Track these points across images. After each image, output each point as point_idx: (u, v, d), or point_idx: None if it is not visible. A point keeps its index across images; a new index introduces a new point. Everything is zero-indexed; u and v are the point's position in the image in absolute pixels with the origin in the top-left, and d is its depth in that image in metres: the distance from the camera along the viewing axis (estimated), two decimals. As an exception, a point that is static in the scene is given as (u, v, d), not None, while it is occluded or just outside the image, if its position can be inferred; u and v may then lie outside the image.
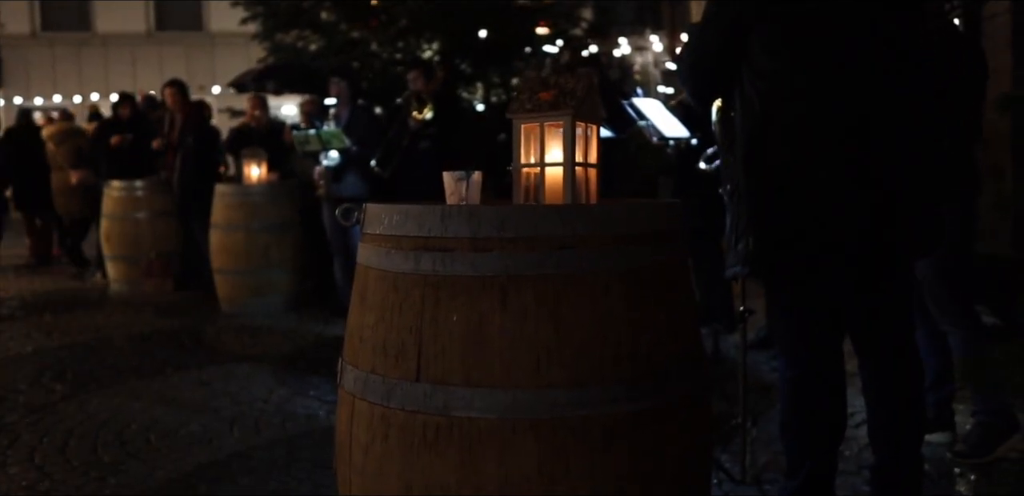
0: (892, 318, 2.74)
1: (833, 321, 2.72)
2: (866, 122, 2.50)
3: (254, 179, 7.36)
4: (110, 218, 8.46)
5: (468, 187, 2.14)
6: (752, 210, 2.61)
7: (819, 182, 2.50)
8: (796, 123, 2.53)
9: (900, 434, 2.72)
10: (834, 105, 2.51)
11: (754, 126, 2.59)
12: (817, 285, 2.64)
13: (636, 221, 1.79)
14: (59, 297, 8.29)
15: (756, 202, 2.60)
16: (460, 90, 9.46)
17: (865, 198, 2.50)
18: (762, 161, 2.58)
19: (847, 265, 2.59)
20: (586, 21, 10.98)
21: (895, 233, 2.55)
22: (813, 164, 2.51)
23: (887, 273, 2.68)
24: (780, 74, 2.55)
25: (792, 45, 2.53)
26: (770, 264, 2.62)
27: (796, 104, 2.53)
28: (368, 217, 1.90)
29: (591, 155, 2.14)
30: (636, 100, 5.14)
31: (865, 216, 2.50)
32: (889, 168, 2.51)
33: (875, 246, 2.56)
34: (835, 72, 2.51)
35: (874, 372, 2.77)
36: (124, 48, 21.19)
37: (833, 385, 2.73)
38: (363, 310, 1.87)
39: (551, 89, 2.14)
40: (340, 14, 9.64)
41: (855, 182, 2.49)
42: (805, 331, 2.71)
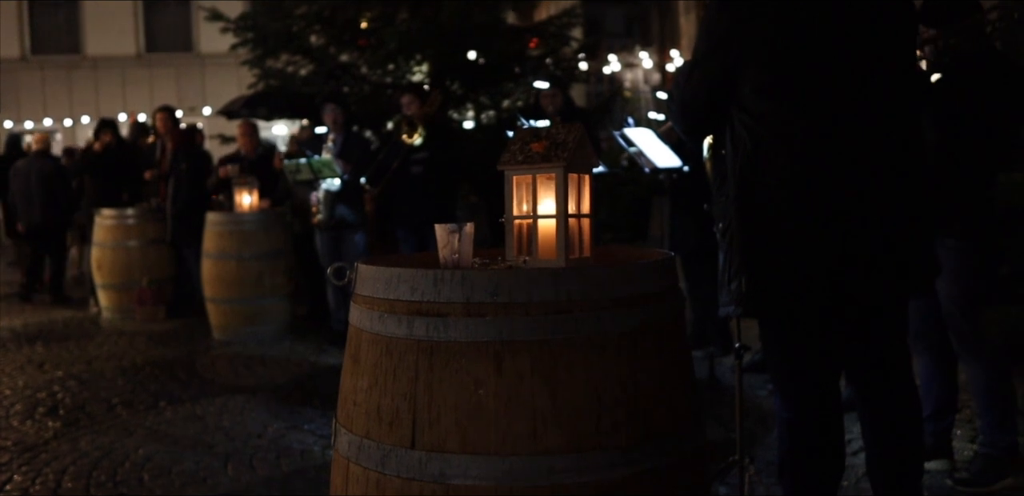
0: (887, 354, 2.73)
1: (828, 361, 2.70)
2: (857, 162, 2.49)
3: (246, 207, 7.33)
4: (101, 246, 8.44)
5: (460, 239, 2.12)
6: (744, 250, 2.60)
7: (811, 223, 2.49)
8: (787, 163, 2.51)
9: (899, 467, 2.70)
10: (825, 146, 2.50)
11: (745, 166, 2.58)
12: (811, 326, 2.63)
13: (630, 282, 1.77)
14: (51, 327, 8.24)
15: (748, 242, 2.59)
16: (451, 111, 9.47)
17: (857, 238, 2.48)
18: (753, 201, 2.56)
19: (841, 306, 2.57)
20: (576, 40, 10.99)
21: (888, 272, 2.54)
22: (804, 204, 2.50)
23: (881, 311, 2.67)
24: (771, 115, 2.53)
25: (783, 86, 2.52)
26: (763, 305, 2.61)
27: (787, 145, 2.52)
28: (360, 278, 1.88)
29: (584, 206, 2.13)
30: (627, 130, 5.14)
31: (857, 256, 2.49)
32: (881, 208, 2.50)
33: (868, 286, 2.54)
34: (826, 113, 2.50)
35: (871, 406, 2.75)
36: (114, 70, 21.16)
37: (830, 425, 2.71)
38: (356, 373, 1.85)
39: (542, 140, 2.13)
40: (329, 38, 9.66)
41: (847, 222, 2.48)
42: (801, 372, 2.70)
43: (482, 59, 9.43)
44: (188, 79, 21.25)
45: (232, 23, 9.63)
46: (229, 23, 9.62)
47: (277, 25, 9.37)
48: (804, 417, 2.70)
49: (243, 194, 7.36)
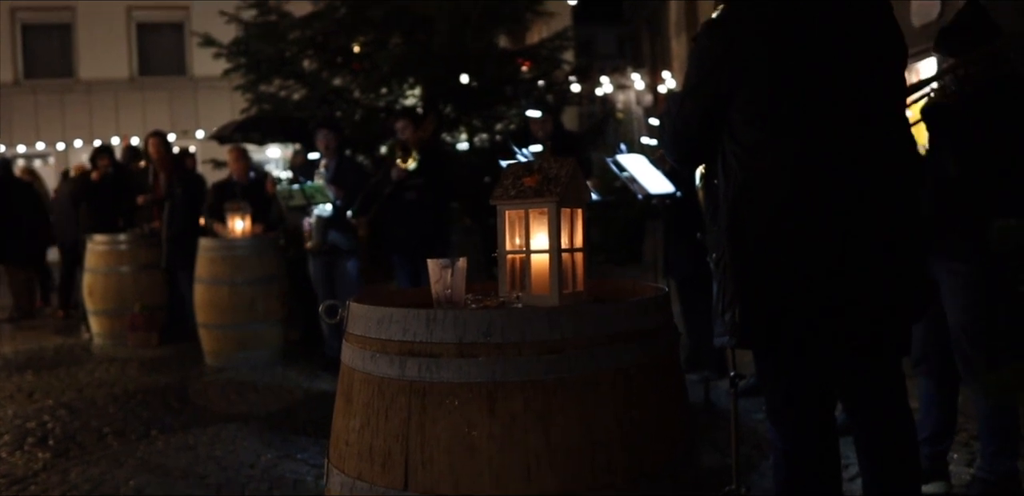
0: (882, 381, 2.72)
1: (824, 391, 2.69)
2: (849, 193, 2.49)
3: (238, 233, 7.31)
4: (93, 272, 8.40)
5: (453, 274, 2.11)
6: (738, 281, 2.59)
7: (804, 253, 2.48)
8: (779, 194, 2.51)
9: (895, 493, 2.68)
10: (816, 177, 2.49)
11: (737, 196, 2.57)
12: (806, 357, 2.61)
13: (624, 320, 1.76)
14: (42, 353, 8.18)
15: (742, 273, 2.58)
16: (443, 134, 9.48)
17: (851, 269, 2.48)
18: (746, 231, 2.56)
19: (835, 336, 2.56)
20: (568, 63, 11.04)
21: (882, 302, 2.53)
22: (797, 235, 2.49)
23: (876, 340, 2.66)
24: (761, 145, 2.53)
25: (773, 116, 2.52)
26: (758, 336, 2.59)
27: (778, 175, 2.51)
28: (352, 317, 1.86)
29: (577, 239, 2.12)
30: (620, 156, 5.14)
31: (852, 287, 2.48)
32: (874, 238, 2.50)
33: (863, 317, 2.53)
34: (817, 144, 2.49)
35: (867, 432, 2.74)
36: (107, 94, 21.18)
37: (827, 455, 2.69)
38: (348, 412, 1.83)
39: (535, 174, 2.12)
40: (322, 62, 9.69)
41: (840, 253, 2.47)
42: (796, 403, 2.68)
43: (475, 82, 9.46)
44: (181, 102, 21.27)
45: (225, 48, 9.65)
46: (222, 48, 9.64)
47: (270, 50, 9.40)
48: (800, 448, 2.68)
49: (235, 220, 7.34)
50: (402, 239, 6.60)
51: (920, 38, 6.78)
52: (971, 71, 3.44)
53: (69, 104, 21.16)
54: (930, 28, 7.04)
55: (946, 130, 3.49)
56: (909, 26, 6.99)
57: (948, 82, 3.52)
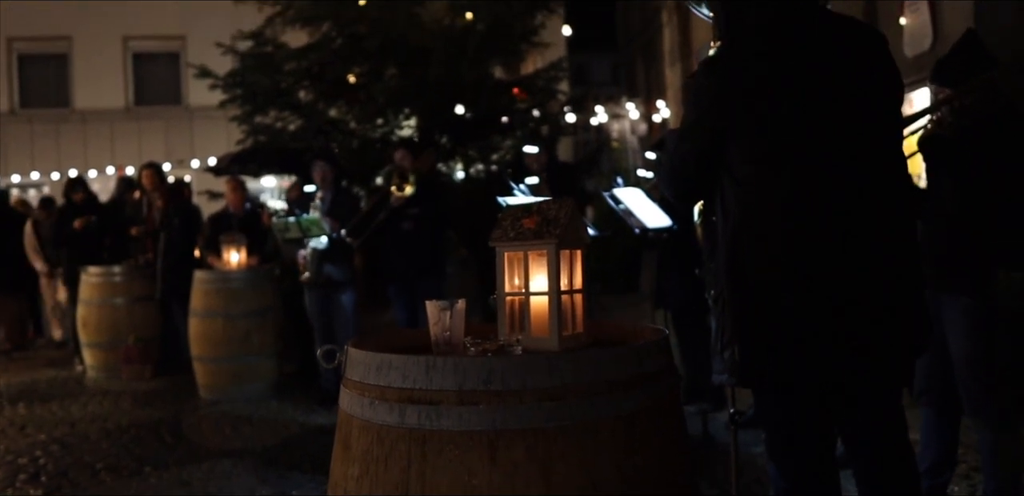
0: (883, 416, 2.70)
1: (825, 429, 2.67)
2: (848, 231, 2.48)
3: (233, 265, 7.29)
4: (87, 304, 8.35)
5: (452, 316, 2.10)
6: (737, 319, 2.57)
7: (803, 291, 2.47)
8: (778, 231, 2.50)
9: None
10: (815, 214, 2.49)
11: (736, 234, 2.57)
12: (806, 395, 2.59)
13: (625, 365, 1.74)
14: (34, 387, 8.12)
15: (741, 311, 2.57)
16: (439, 165, 9.50)
17: (851, 306, 2.47)
18: (745, 269, 2.55)
19: (837, 375, 2.54)
20: (563, 93, 11.10)
21: (883, 339, 2.52)
22: (796, 273, 2.48)
23: (878, 376, 2.64)
24: (760, 183, 2.53)
25: (771, 154, 2.52)
26: (758, 375, 2.58)
27: (777, 212, 2.50)
28: (350, 362, 1.85)
29: (576, 281, 2.11)
30: (617, 190, 5.15)
31: (852, 324, 2.47)
32: (873, 275, 2.49)
33: (865, 353, 2.52)
34: (815, 181, 2.49)
35: (866, 467, 2.71)
36: (103, 124, 21.22)
37: (828, 493, 2.66)
38: (346, 460, 1.81)
39: (534, 215, 2.12)
40: (318, 94, 9.72)
41: (840, 290, 2.46)
42: (797, 442, 2.66)
43: (470, 113, 9.49)
44: (177, 132, 21.31)
45: (221, 80, 9.68)
46: (218, 80, 9.67)
47: (266, 81, 9.43)
48: (802, 486, 2.66)
49: (231, 251, 7.32)
50: (399, 270, 6.58)
51: (913, 69, 6.82)
52: (967, 102, 3.45)
53: (64, 134, 21.19)
54: (923, 59, 7.08)
55: (943, 162, 3.50)
56: (902, 57, 7.03)
57: (944, 113, 3.53)
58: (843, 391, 2.63)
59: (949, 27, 6.78)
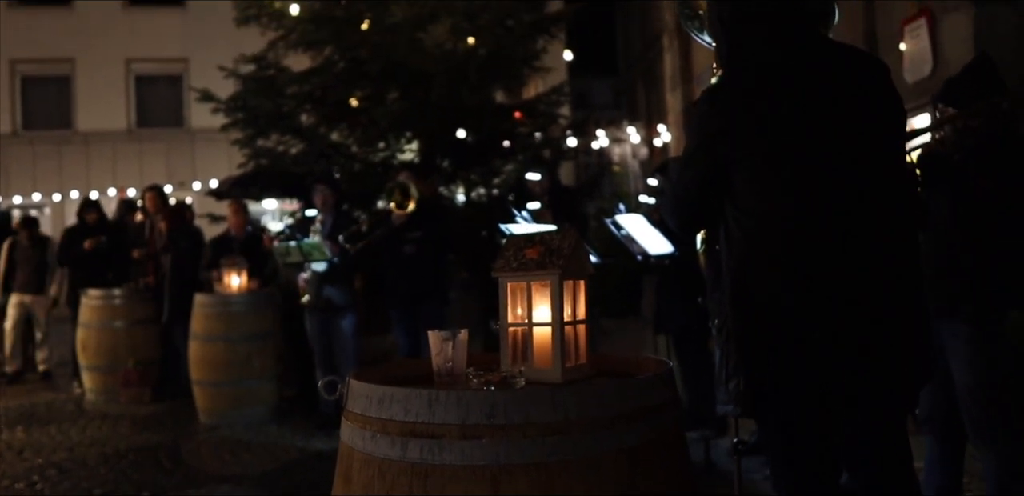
0: (888, 445, 2.68)
1: (829, 458, 2.64)
2: (854, 259, 2.47)
3: (234, 288, 7.27)
4: (87, 327, 8.34)
5: (455, 347, 2.09)
6: (742, 349, 2.56)
7: (809, 322, 2.45)
8: (784, 262, 2.49)
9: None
10: (821, 243, 2.48)
11: (740, 264, 2.56)
12: (812, 426, 2.57)
13: (629, 398, 1.73)
14: (32, 410, 8.08)
15: (746, 342, 2.55)
16: (441, 188, 9.50)
17: (857, 336, 2.45)
18: (750, 300, 2.54)
19: (842, 405, 2.53)
20: (564, 117, 11.13)
21: (889, 369, 2.50)
22: (802, 304, 2.46)
23: (883, 406, 2.62)
24: (764, 211, 2.52)
25: (775, 182, 2.51)
26: (763, 405, 2.56)
27: (781, 242, 2.50)
28: (352, 394, 1.83)
29: (579, 311, 2.10)
30: (619, 217, 5.14)
31: (858, 355, 2.45)
32: (879, 305, 2.47)
33: (870, 384, 2.50)
34: (820, 209, 2.48)
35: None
36: (105, 145, 21.29)
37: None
38: (348, 494, 1.79)
39: (536, 245, 2.11)
40: (320, 117, 9.74)
41: (846, 321, 2.45)
42: (801, 470, 2.64)
43: (471, 137, 9.51)
44: (178, 154, 21.38)
45: (223, 103, 9.71)
46: (220, 104, 9.69)
47: (268, 105, 9.45)
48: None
49: (232, 275, 7.31)
50: (400, 294, 6.56)
51: (913, 94, 6.84)
52: (972, 124, 3.45)
53: (66, 155, 21.26)
54: (923, 84, 7.10)
55: (943, 180, 3.49)
56: (902, 82, 7.05)
57: (948, 132, 3.53)
58: (848, 421, 2.61)
59: (949, 53, 6.81)
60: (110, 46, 21.42)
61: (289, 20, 9.56)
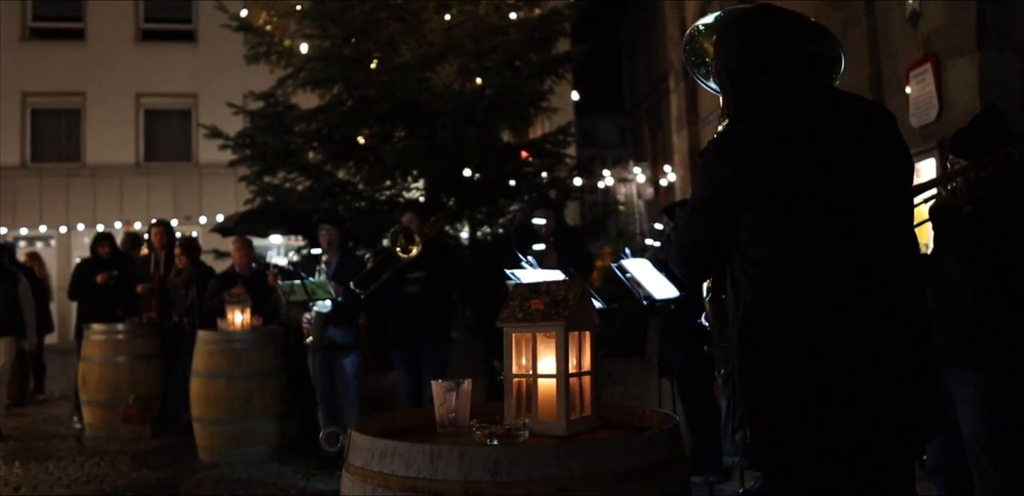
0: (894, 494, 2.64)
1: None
2: (862, 310, 2.45)
3: (237, 325, 7.25)
4: (88, 361, 8.32)
5: (458, 397, 2.07)
6: (749, 401, 2.53)
7: (817, 374, 2.43)
8: (791, 313, 2.47)
9: None
10: (828, 294, 2.46)
11: (747, 314, 2.54)
12: (819, 479, 2.54)
13: (633, 455, 1.71)
14: (31, 444, 8.03)
15: (752, 393, 2.53)
16: (446, 227, 9.52)
17: (865, 389, 2.43)
18: (756, 351, 2.51)
19: (849, 460, 2.50)
20: (570, 157, 11.17)
21: (898, 424, 2.48)
22: (809, 355, 2.45)
23: (891, 461, 2.59)
24: (771, 261, 2.51)
25: (783, 233, 2.50)
26: (769, 458, 2.53)
27: (789, 293, 2.48)
28: (353, 447, 1.82)
29: (584, 363, 2.09)
30: (624, 261, 5.14)
31: (867, 407, 2.43)
32: (888, 356, 2.45)
33: (879, 437, 2.47)
34: (828, 260, 2.47)
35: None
36: (112, 178, 21.38)
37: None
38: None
39: (542, 296, 2.10)
40: (327, 155, 9.79)
41: (854, 373, 2.43)
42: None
43: (478, 176, 9.55)
44: (185, 188, 21.46)
45: (231, 140, 9.77)
46: (228, 140, 9.75)
47: (276, 142, 9.50)
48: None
49: (235, 312, 7.29)
50: (402, 336, 6.53)
51: (919, 139, 6.86)
52: (983, 175, 3.45)
53: (74, 188, 21.35)
54: (928, 129, 7.12)
55: (954, 232, 3.48)
56: (908, 127, 7.07)
57: (959, 184, 3.52)
58: (857, 473, 2.58)
59: (955, 98, 6.83)
60: (121, 80, 21.60)
61: (298, 58, 9.66)
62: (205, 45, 21.51)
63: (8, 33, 21.44)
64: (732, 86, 2.71)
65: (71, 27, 22.23)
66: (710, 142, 2.69)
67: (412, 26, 9.46)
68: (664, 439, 1.80)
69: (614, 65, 35.18)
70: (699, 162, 2.70)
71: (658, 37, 24.20)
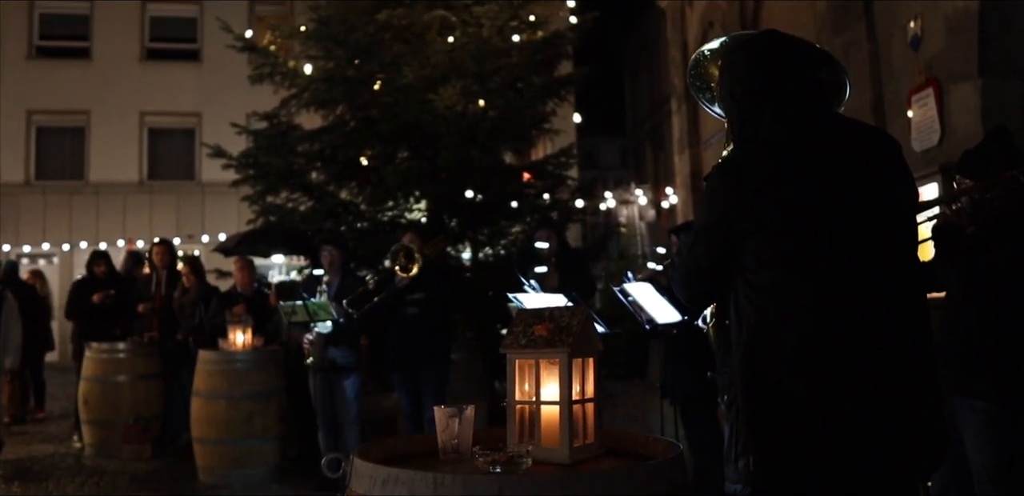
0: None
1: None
2: (866, 337, 2.45)
3: (239, 345, 7.23)
4: (89, 380, 8.30)
5: (460, 423, 2.07)
6: (752, 428, 2.52)
7: (821, 401, 2.42)
8: (794, 338, 2.47)
9: None
10: (833, 320, 2.45)
11: (750, 339, 2.53)
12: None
13: (638, 485, 1.70)
14: (30, 464, 7.99)
15: (756, 420, 2.52)
16: (448, 248, 9.52)
17: (870, 416, 2.42)
18: (760, 377, 2.51)
19: (853, 487, 2.48)
20: (572, 179, 11.19)
21: (903, 450, 2.46)
22: (813, 381, 2.44)
23: (895, 489, 2.58)
24: (777, 288, 2.50)
25: (787, 258, 2.50)
26: (773, 486, 2.51)
27: (794, 319, 2.47)
28: (355, 474, 1.81)
29: (588, 389, 2.08)
30: (627, 285, 5.13)
31: (871, 435, 2.42)
32: (892, 383, 2.44)
33: (884, 465, 2.46)
34: (832, 286, 2.46)
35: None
36: (116, 196, 21.44)
37: None
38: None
39: (545, 322, 2.10)
40: (330, 175, 9.81)
41: (858, 400, 2.42)
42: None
43: (480, 197, 9.56)
44: (188, 207, 21.51)
45: (234, 160, 9.80)
46: (231, 160, 9.78)
47: (279, 162, 9.53)
48: None
49: (236, 332, 7.28)
50: (402, 358, 6.50)
51: (921, 163, 6.88)
52: (987, 196, 3.45)
53: (77, 206, 21.40)
54: (931, 153, 7.15)
55: (956, 252, 3.48)
56: (910, 151, 7.09)
57: (964, 204, 3.52)
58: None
59: (957, 122, 6.86)
60: (125, 99, 21.71)
61: (302, 79, 9.71)
62: (210, 65, 21.63)
63: (14, 51, 21.57)
64: (737, 111, 2.72)
65: (77, 46, 22.37)
66: (714, 167, 2.70)
67: (415, 48, 9.51)
68: (668, 469, 1.79)
69: (616, 87, 35.29)
70: (703, 186, 2.71)
71: (660, 59, 24.32)
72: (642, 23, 28.97)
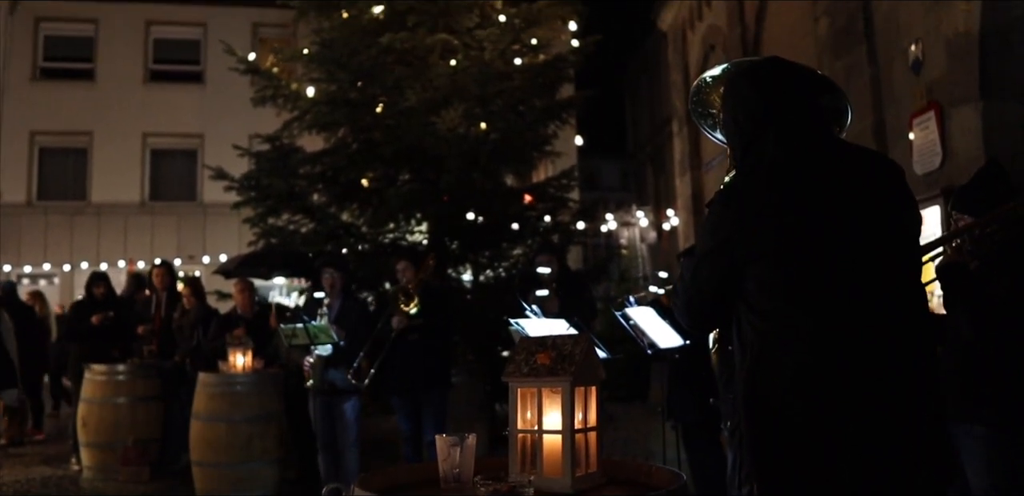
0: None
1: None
2: (870, 363, 2.43)
3: (239, 368, 7.20)
4: (88, 402, 8.24)
5: (462, 452, 2.05)
6: (755, 455, 2.50)
7: (824, 428, 2.41)
8: (796, 365, 2.45)
9: None
10: (835, 346, 2.44)
11: (752, 366, 2.52)
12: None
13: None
14: (28, 486, 7.95)
15: (758, 446, 2.50)
16: (448, 270, 9.52)
17: (870, 444, 2.40)
18: (763, 404, 2.49)
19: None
20: (573, 201, 11.20)
21: (908, 479, 2.44)
22: (815, 408, 2.42)
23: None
24: (778, 313, 2.49)
25: (789, 284, 2.49)
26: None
27: (797, 345, 2.46)
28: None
29: (590, 418, 2.07)
30: (629, 309, 5.11)
31: (875, 461, 2.40)
32: (896, 409, 2.42)
33: (884, 494, 2.44)
34: (835, 312, 2.45)
35: None
36: (117, 217, 21.49)
37: None
38: None
39: (548, 350, 2.09)
40: (331, 197, 9.82)
41: (862, 427, 2.40)
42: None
43: (481, 219, 9.57)
44: (189, 228, 21.55)
45: (236, 181, 9.81)
46: (233, 182, 9.80)
47: (281, 184, 9.54)
48: None
49: (236, 354, 7.25)
50: (403, 381, 6.48)
51: (923, 186, 6.87)
52: (988, 231, 3.45)
53: (78, 226, 21.44)
54: (932, 176, 7.14)
55: (961, 290, 3.47)
56: (912, 174, 7.09)
57: (965, 241, 3.52)
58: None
59: (958, 145, 6.86)
60: (128, 120, 21.81)
61: (304, 101, 9.74)
62: (212, 87, 21.75)
63: (19, 73, 21.69)
64: (740, 137, 2.72)
65: (81, 67, 22.50)
66: (717, 193, 2.69)
67: (418, 71, 9.55)
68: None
69: (617, 109, 35.43)
70: (704, 209, 2.70)
71: (661, 82, 24.40)
72: (643, 46, 29.10)
